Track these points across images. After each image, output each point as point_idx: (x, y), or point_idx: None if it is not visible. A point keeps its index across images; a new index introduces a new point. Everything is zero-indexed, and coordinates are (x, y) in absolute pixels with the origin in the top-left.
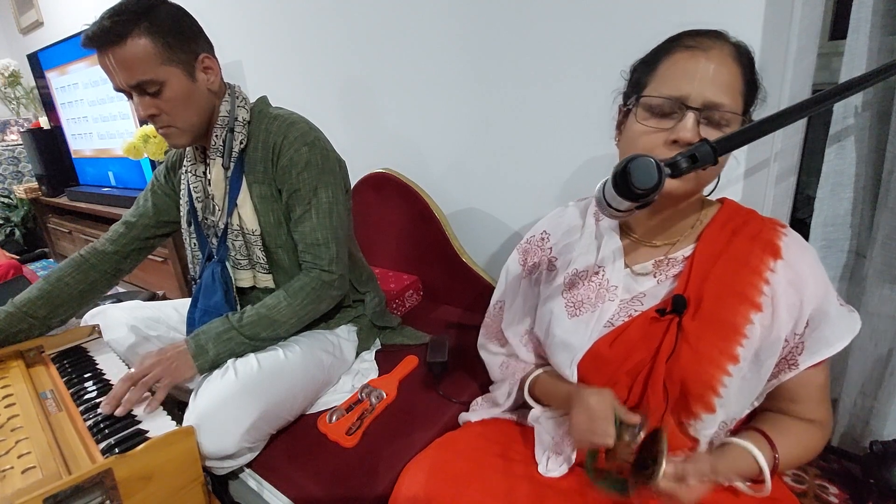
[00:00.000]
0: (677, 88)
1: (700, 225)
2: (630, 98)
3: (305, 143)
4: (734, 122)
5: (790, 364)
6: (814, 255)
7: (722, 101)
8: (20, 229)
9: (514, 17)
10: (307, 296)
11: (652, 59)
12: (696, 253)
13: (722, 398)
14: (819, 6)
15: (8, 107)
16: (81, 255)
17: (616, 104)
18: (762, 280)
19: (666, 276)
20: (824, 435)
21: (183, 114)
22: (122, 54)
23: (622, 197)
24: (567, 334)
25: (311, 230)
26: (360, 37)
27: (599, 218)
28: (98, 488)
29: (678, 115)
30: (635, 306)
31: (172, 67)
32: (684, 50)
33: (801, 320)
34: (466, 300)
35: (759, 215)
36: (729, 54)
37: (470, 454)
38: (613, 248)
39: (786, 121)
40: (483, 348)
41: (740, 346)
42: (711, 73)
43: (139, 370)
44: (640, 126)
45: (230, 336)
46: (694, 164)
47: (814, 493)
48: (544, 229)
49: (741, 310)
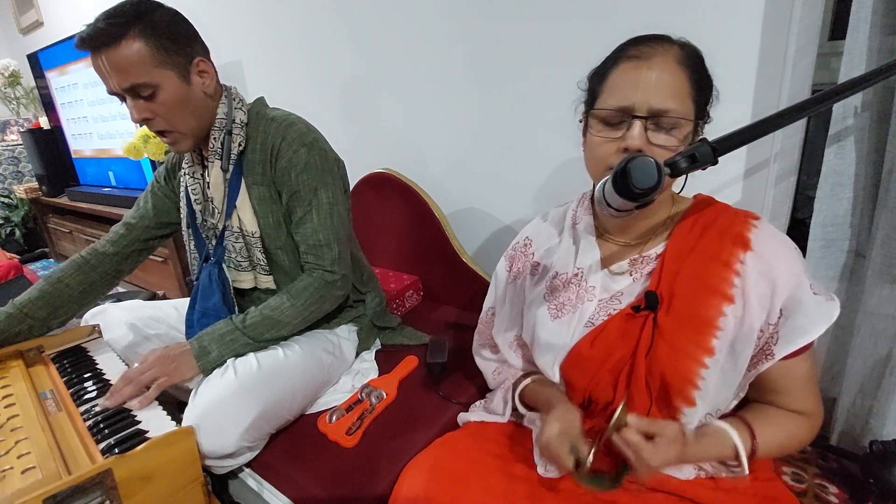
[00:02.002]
0: (623, 99)
1: (672, 222)
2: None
3: (304, 144)
4: (684, 125)
5: (766, 354)
6: (787, 245)
7: (668, 107)
8: (20, 229)
9: (514, 16)
10: (310, 296)
11: (601, 70)
12: (668, 250)
13: (701, 391)
14: (819, 6)
15: (8, 107)
16: (82, 256)
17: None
18: (732, 272)
19: (641, 274)
20: (812, 426)
21: (179, 118)
22: (115, 57)
23: (622, 196)
24: (550, 336)
25: (312, 231)
26: (360, 37)
27: (577, 222)
28: (98, 488)
29: (627, 123)
30: (614, 305)
31: (166, 71)
32: (627, 60)
33: (774, 310)
34: (466, 300)
35: (731, 209)
36: (673, 59)
37: (470, 454)
38: (590, 251)
39: (786, 121)
40: (477, 355)
41: (715, 339)
42: (654, 80)
43: (139, 367)
44: (595, 137)
45: (234, 337)
46: (693, 164)
47: (813, 493)
48: (527, 235)
49: (713, 302)
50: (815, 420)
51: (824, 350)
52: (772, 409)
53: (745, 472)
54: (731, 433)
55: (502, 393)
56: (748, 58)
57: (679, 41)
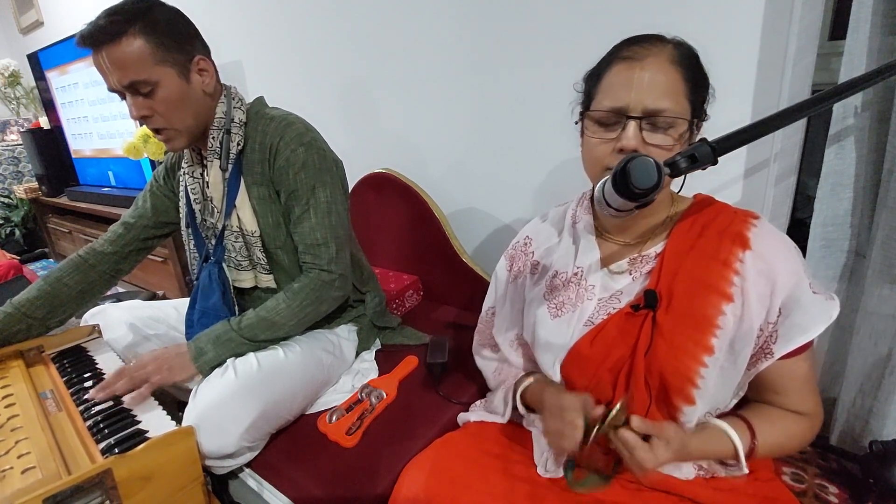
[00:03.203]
0: (617, 100)
1: (671, 222)
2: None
3: (302, 143)
4: (680, 124)
5: (766, 353)
6: (786, 244)
7: (662, 107)
8: (20, 229)
9: (514, 17)
10: (307, 297)
11: (596, 71)
12: (667, 249)
13: (701, 389)
14: (819, 6)
15: (8, 107)
16: (80, 255)
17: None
18: (732, 271)
19: (640, 273)
20: (812, 426)
21: (177, 115)
22: (116, 53)
23: (622, 196)
24: (550, 335)
25: (309, 230)
26: (360, 37)
27: (577, 221)
28: (98, 488)
29: (621, 124)
30: (613, 304)
31: (166, 68)
32: (621, 61)
33: (773, 309)
34: (466, 300)
35: (731, 208)
36: (667, 59)
37: (470, 455)
38: (590, 250)
39: (786, 121)
40: (477, 354)
41: (714, 337)
42: (647, 81)
43: (135, 364)
44: (591, 139)
45: (230, 338)
46: (693, 164)
47: (813, 493)
48: (527, 234)
49: (713, 301)
50: (814, 420)
51: (824, 350)
52: (772, 408)
53: (744, 471)
54: (731, 432)
55: (503, 393)
56: (748, 58)
57: (673, 40)
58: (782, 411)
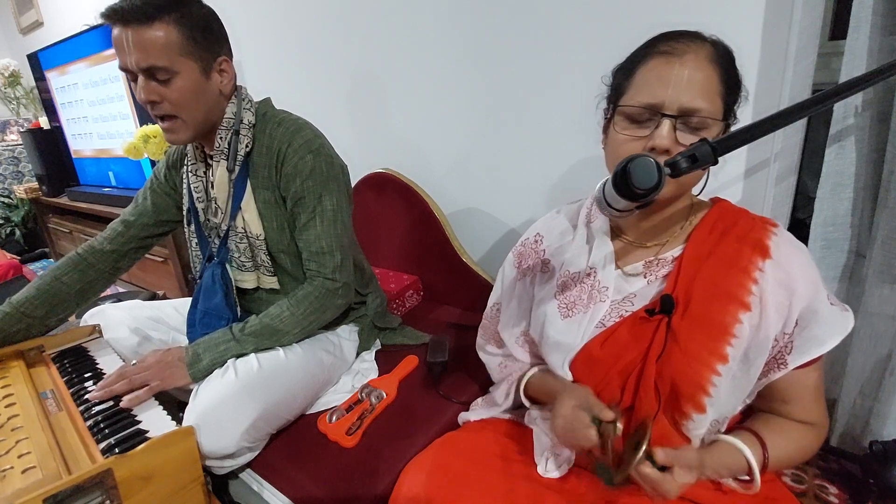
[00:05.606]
0: (652, 96)
1: (690, 226)
2: (610, 106)
3: (310, 150)
4: (714, 125)
5: (779, 363)
6: (805, 254)
7: (698, 107)
8: (20, 229)
9: (517, 17)
10: (310, 304)
11: (629, 65)
12: (685, 253)
13: (712, 398)
14: (819, 6)
15: (8, 107)
16: (79, 253)
17: (601, 108)
18: (750, 279)
19: (656, 277)
20: (819, 436)
21: (188, 108)
22: (144, 35)
23: (622, 197)
24: (560, 335)
25: (315, 238)
26: (361, 37)
27: (591, 220)
28: (98, 488)
29: (655, 122)
30: (626, 307)
31: (190, 61)
32: (659, 56)
33: (791, 319)
34: (466, 300)
35: (750, 214)
36: (705, 57)
37: (470, 454)
38: (605, 250)
39: (786, 121)
40: (481, 349)
41: (729, 346)
42: (686, 78)
43: (136, 366)
44: (619, 135)
45: (229, 346)
46: (694, 164)
47: (813, 493)
48: (538, 231)
49: (730, 309)
50: (821, 431)
51: None
52: (780, 419)
53: (757, 487)
54: (745, 450)
55: (506, 385)
56: (748, 58)
57: (711, 38)
58: (791, 422)
